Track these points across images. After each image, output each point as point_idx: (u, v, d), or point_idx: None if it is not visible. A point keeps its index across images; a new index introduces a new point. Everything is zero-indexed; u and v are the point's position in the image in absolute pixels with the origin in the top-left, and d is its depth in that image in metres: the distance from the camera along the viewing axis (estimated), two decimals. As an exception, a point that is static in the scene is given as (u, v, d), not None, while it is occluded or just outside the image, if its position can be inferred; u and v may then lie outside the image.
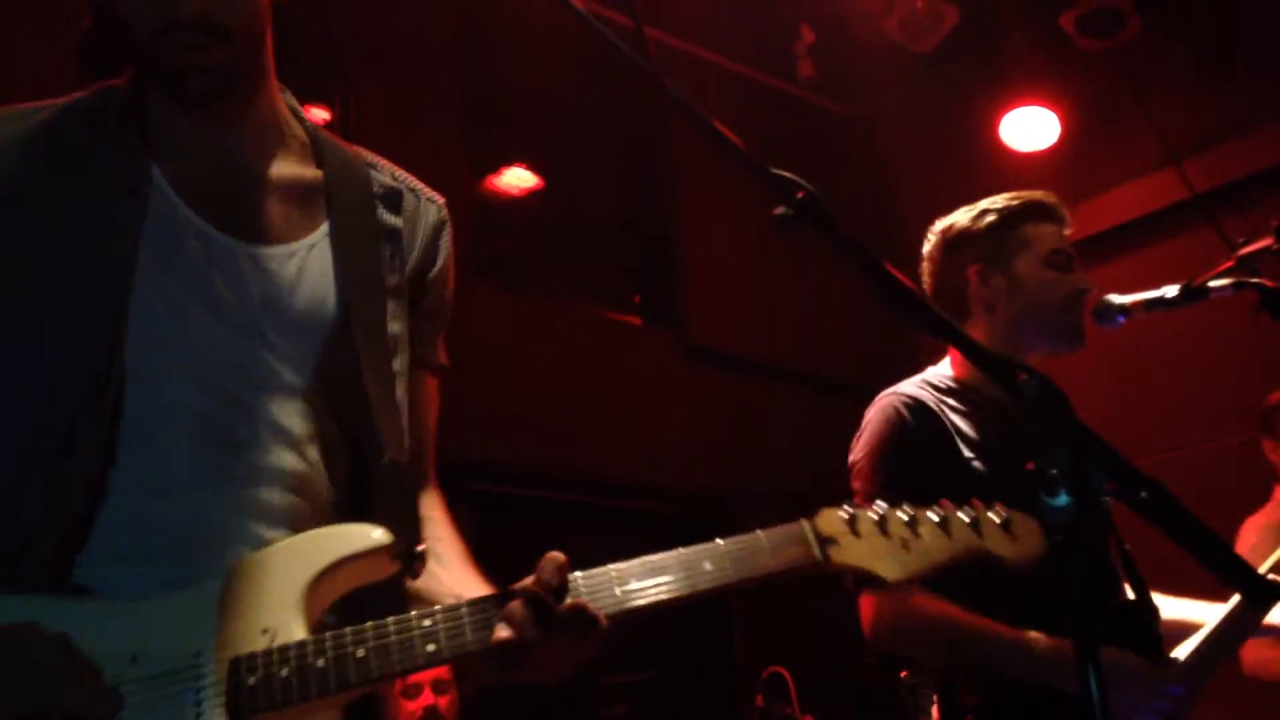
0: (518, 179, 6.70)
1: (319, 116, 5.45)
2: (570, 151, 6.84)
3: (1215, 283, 2.43)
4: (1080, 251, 2.74)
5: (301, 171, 1.74)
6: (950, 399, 2.59)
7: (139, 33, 1.58)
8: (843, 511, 1.56)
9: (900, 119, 7.28)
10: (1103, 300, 2.65)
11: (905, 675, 4.02)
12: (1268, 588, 1.40)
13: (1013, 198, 2.74)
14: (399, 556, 1.51)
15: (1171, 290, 2.49)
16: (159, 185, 1.62)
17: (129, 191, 1.60)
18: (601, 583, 1.47)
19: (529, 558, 1.49)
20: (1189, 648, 2.45)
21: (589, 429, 5.99)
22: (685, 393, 6.54)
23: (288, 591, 1.43)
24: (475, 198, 6.36)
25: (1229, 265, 2.50)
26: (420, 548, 1.64)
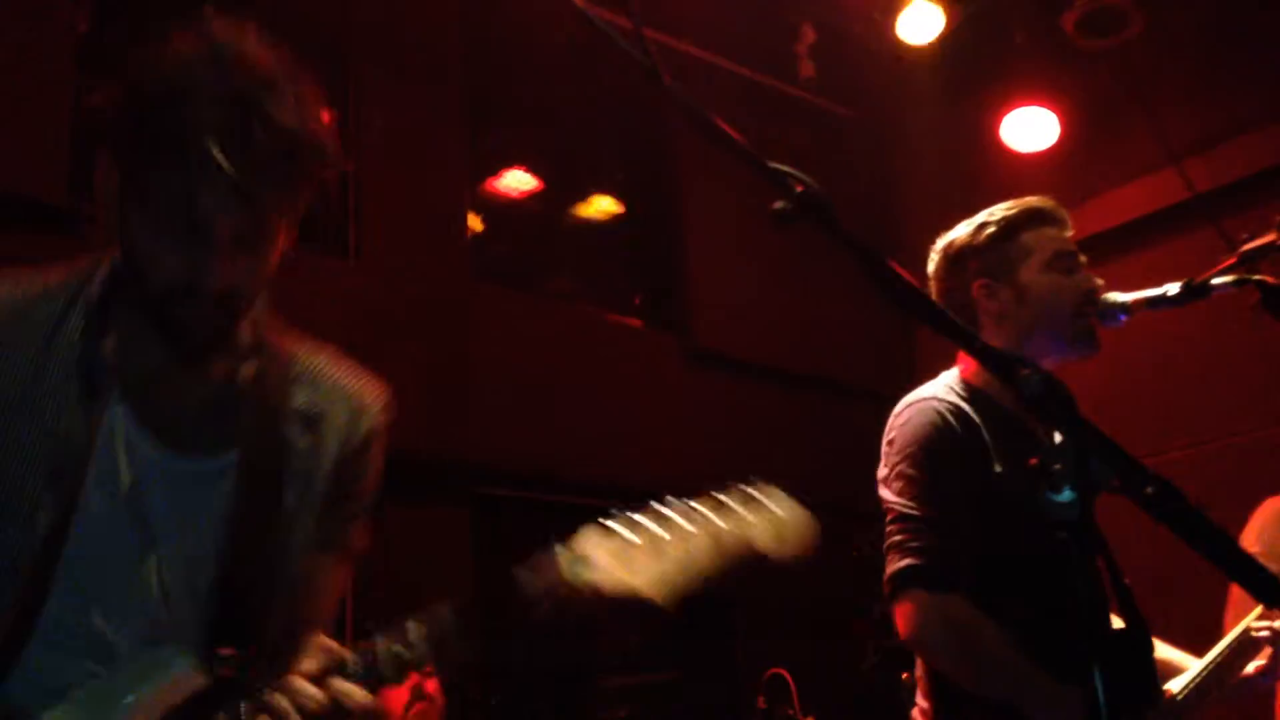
0: (518, 181, 6.69)
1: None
2: (571, 153, 6.83)
3: (1217, 280, 2.41)
4: (1081, 251, 2.72)
5: (228, 378, 1.69)
6: (971, 408, 2.55)
7: (154, 285, 1.54)
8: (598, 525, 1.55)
9: (901, 120, 7.27)
10: (1104, 299, 2.64)
11: (906, 676, 4.00)
12: (1276, 584, 1.39)
13: (1010, 207, 2.70)
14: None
15: (1173, 288, 2.47)
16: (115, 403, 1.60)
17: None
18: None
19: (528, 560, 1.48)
20: (1182, 682, 2.45)
21: (589, 431, 5.98)
22: (686, 395, 6.52)
23: None
24: (476, 200, 6.36)
25: (1231, 262, 2.48)
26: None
